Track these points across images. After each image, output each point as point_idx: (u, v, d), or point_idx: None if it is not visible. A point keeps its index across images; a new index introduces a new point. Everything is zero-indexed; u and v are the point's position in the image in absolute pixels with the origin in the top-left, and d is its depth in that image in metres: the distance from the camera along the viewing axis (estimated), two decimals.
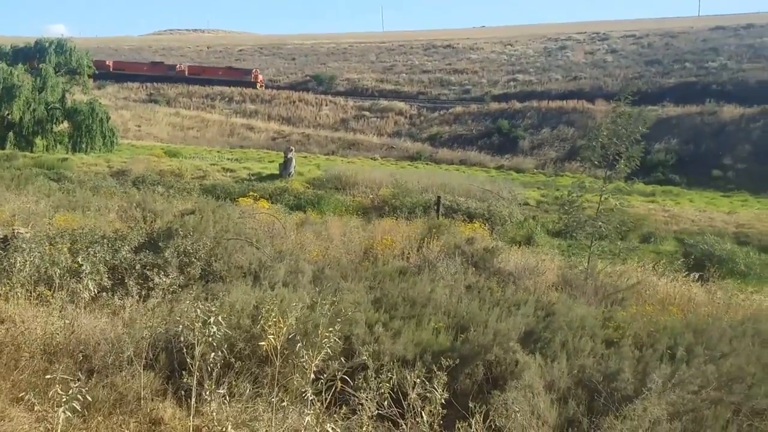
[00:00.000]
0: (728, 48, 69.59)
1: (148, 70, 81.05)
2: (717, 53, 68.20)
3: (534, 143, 56.50)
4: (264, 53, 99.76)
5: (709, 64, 65.11)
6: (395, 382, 5.10)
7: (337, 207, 24.68)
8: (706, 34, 78.35)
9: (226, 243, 9.29)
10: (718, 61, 65.15)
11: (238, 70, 79.69)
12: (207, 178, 32.81)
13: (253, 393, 5.67)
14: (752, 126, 50.87)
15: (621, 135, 11.42)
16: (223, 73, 78.71)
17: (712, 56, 67.41)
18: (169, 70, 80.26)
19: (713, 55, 67.63)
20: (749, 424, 5.49)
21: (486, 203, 27.85)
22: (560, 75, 70.70)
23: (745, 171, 46.38)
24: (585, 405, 5.59)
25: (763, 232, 27.46)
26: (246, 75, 77.40)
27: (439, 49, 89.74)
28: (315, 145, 59.44)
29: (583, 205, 12.44)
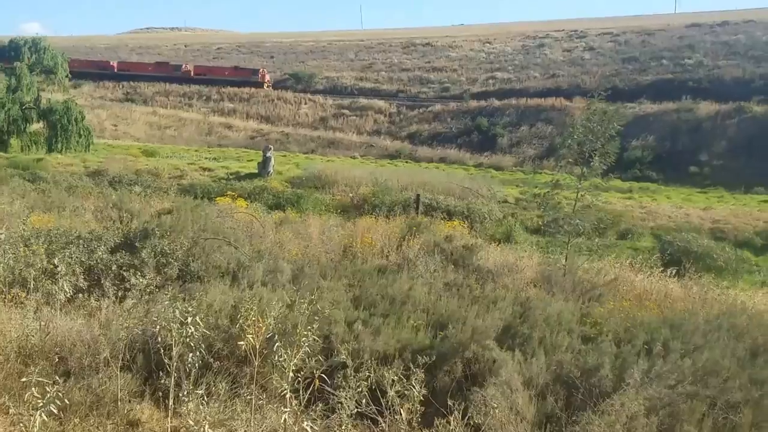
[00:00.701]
0: (704, 45, 70.40)
1: (153, 70, 79.57)
2: (693, 50, 68.97)
3: (513, 141, 56.78)
4: (242, 51, 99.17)
5: (686, 61, 65.82)
6: (374, 380, 5.10)
7: (316, 206, 24.61)
8: (682, 31, 79.19)
9: (203, 243, 9.23)
10: (695, 58, 65.88)
11: (245, 70, 78.14)
12: (185, 178, 32.57)
13: (231, 393, 5.65)
14: (728, 122, 51.54)
15: (596, 132, 11.50)
16: (230, 73, 77.19)
17: (688, 53, 68.14)
18: (175, 70, 78.84)
19: (689, 53, 68.36)
20: (724, 417, 5.56)
21: (465, 201, 27.96)
22: (538, 73, 71.09)
23: (721, 167, 46.98)
24: (563, 400, 5.64)
25: (739, 228, 27.85)
26: (253, 75, 75.86)
27: (419, 47, 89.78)
28: (294, 143, 59.24)
29: (561, 202, 12.52)
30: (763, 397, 5.78)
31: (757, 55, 63.67)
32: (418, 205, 21.72)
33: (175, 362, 5.46)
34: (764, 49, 64.81)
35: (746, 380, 6.02)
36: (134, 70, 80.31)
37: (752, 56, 63.65)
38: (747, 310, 9.13)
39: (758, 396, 5.76)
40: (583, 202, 11.95)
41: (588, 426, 4.93)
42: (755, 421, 5.55)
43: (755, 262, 23.10)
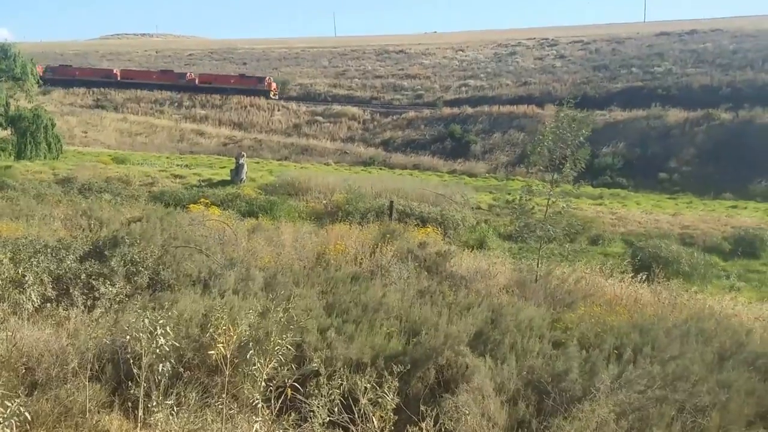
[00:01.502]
0: (673, 53, 71.58)
1: (157, 78, 77.77)
2: (662, 58, 70.07)
3: (486, 148, 57.12)
4: (214, 58, 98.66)
5: (655, 69, 66.84)
6: (346, 388, 5.09)
7: (290, 213, 24.52)
8: (651, 39, 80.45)
9: (174, 251, 9.14)
10: (664, 66, 66.93)
11: (250, 78, 76.40)
12: (156, 185, 32.24)
13: (202, 403, 5.59)
14: (696, 130, 52.39)
15: (566, 139, 11.62)
16: (236, 81, 75.42)
17: (657, 61, 69.21)
18: (180, 78, 77.08)
19: (659, 60, 69.44)
20: (693, 420, 5.63)
21: (439, 208, 28.05)
22: (511, 80, 71.68)
23: (690, 173, 47.74)
24: (534, 406, 5.67)
25: (707, 233, 28.29)
26: (259, 83, 74.13)
27: (392, 55, 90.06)
28: (267, 150, 58.95)
29: (534, 208, 12.62)
30: (731, 401, 5.86)
31: (724, 63, 64.88)
32: (391, 211, 21.75)
33: (145, 372, 5.40)
34: (731, 58, 66.08)
35: (714, 384, 6.11)
36: (138, 78, 78.68)
37: (720, 64, 64.85)
38: (715, 314, 9.28)
39: (725, 399, 5.84)
40: (554, 208, 12.06)
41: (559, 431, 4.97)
42: (723, 424, 5.63)
43: (723, 267, 23.51)
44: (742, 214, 34.67)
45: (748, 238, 26.49)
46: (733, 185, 43.44)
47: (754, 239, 26.28)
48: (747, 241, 26.23)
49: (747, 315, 10.25)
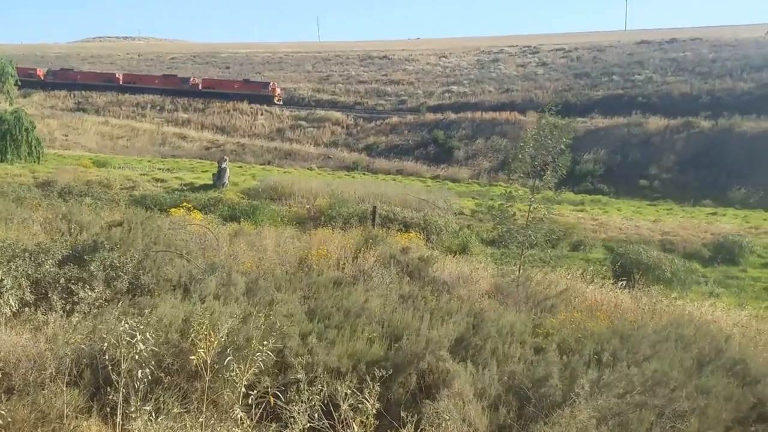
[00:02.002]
0: (653, 61, 72.41)
1: (160, 83, 76.89)
2: (643, 66, 70.84)
3: (469, 153, 57.37)
4: (197, 61, 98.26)
5: (636, 77, 67.55)
6: (327, 394, 5.07)
7: (272, 217, 24.42)
8: (632, 48, 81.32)
9: (154, 255, 9.06)
10: (644, 74, 67.67)
11: (255, 84, 75.43)
12: (137, 189, 32.00)
13: (181, 409, 5.55)
14: (676, 137, 52.97)
15: (547, 146, 11.70)
16: (239, 86, 74.30)
17: (638, 69, 69.98)
18: (183, 83, 76.17)
19: (639, 69, 70.21)
20: (672, 426, 5.67)
21: (422, 213, 28.09)
22: (493, 87, 72.09)
23: (670, 180, 48.25)
24: (515, 411, 5.68)
25: (687, 240, 28.58)
26: (263, 88, 73.17)
27: (375, 60, 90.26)
28: (250, 154, 58.76)
29: (516, 214, 12.68)
30: (709, 406, 5.92)
31: (704, 71, 65.72)
32: (374, 217, 21.73)
33: (124, 378, 5.35)
34: (711, 67, 66.95)
35: (693, 389, 6.17)
36: (140, 83, 77.73)
37: (699, 73, 65.67)
38: (694, 320, 9.36)
39: (704, 405, 5.90)
40: (535, 214, 12.12)
41: None
42: (701, 429, 5.68)
43: (703, 273, 23.74)
44: (722, 220, 35.07)
45: (728, 244, 26.79)
46: (712, 192, 43.97)
47: (733, 246, 26.58)
48: (726, 248, 26.52)
49: (726, 321, 10.35)
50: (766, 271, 25.24)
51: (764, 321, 11.46)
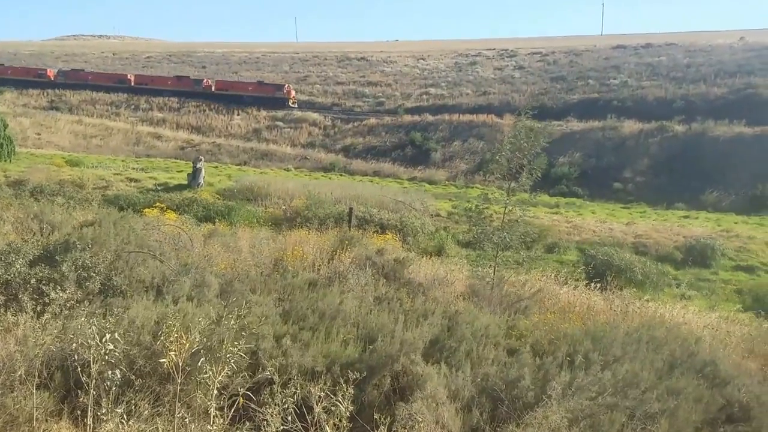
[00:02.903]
0: (628, 66, 73.29)
1: (172, 84, 75.42)
2: (618, 71, 71.67)
3: (446, 155, 57.58)
4: (173, 61, 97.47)
5: (611, 81, 68.31)
6: (300, 396, 5.04)
7: (248, 218, 24.30)
8: (608, 52, 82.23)
9: (127, 256, 8.95)
10: (619, 79, 68.46)
11: (268, 86, 73.62)
12: (110, 189, 31.69)
13: (153, 411, 5.49)
14: (650, 141, 53.64)
15: (523, 149, 11.78)
16: (253, 88, 72.67)
17: (613, 74, 70.77)
18: (195, 84, 74.64)
19: (615, 73, 71.01)
20: (642, 427, 5.73)
21: (399, 214, 28.13)
22: (471, 90, 72.44)
23: (643, 184, 48.84)
24: (488, 413, 5.69)
25: (660, 243, 28.95)
26: (278, 91, 71.60)
27: (353, 61, 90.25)
28: (226, 155, 58.41)
29: (492, 216, 12.74)
30: (679, 408, 5.98)
31: (678, 76, 66.65)
32: (351, 218, 21.70)
33: (94, 380, 5.28)
34: (685, 72, 67.93)
35: (663, 391, 6.23)
36: (153, 84, 76.36)
37: (674, 77, 66.59)
38: (666, 322, 9.47)
39: (674, 406, 5.96)
40: (510, 216, 12.19)
41: None
42: (671, 431, 5.74)
43: (675, 275, 24.07)
44: (694, 224, 35.55)
45: (699, 247, 27.19)
46: (685, 196, 44.58)
47: (705, 249, 26.98)
48: (698, 251, 26.92)
49: (697, 323, 10.50)
50: (737, 274, 25.67)
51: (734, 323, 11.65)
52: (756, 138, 49.89)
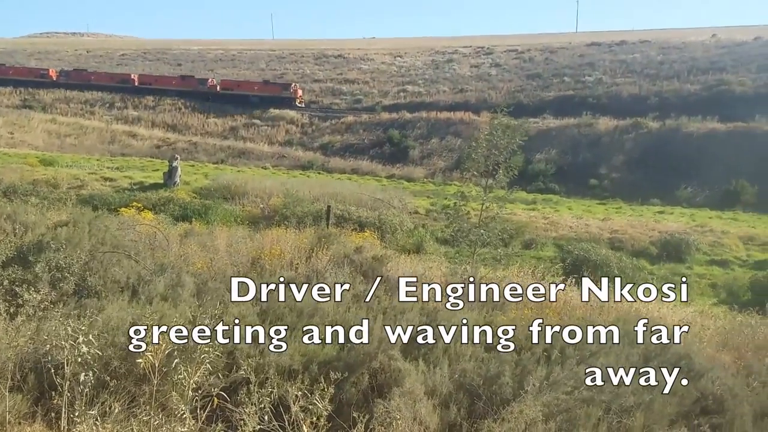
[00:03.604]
0: (603, 63, 73.98)
1: (177, 84, 73.93)
2: (593, 68, 72.31)
3: (424, 153, 57.72)
4: (148, 58, 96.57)
5: (586, 78, 68.91)
6: (276, 396, 5.02)
7: (225, 217, 24.14)
8: (583, 49, 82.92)
9: (102, 256, 8.86)
10: (594, 76, 69.09)
11: (275, 85, 72.31)
12: (85, 188, 31.34)
13: (128, 412, 5.44)
14: (625, 137, 54.23)
15: (499, 146, 11.83)
16: (259, 88, 71.34)
17: (588, 71, 71.40)
18: (200, 84, 73.03)
19: (590, 70, 71.65)
20: (618, 421, 5.78)
21: (377, 212, 28.13)
22: (448, 87, 72.67)
23: (619, 180, 49.36)
24: (466, 409, 5.72)
25: (636, 238, 29.27)
26: (284, 90, 70.33)
27: (330, 59, 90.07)
28: (203, 153, 58.01)
29: (469, 213, 12.78)
30: (654, 401, 6.05)
31: (652, 73, 67.43)
32: (329, 216, 21.65)
33: (68, 382, 5.22)
34: (659, 68, 68.75)
35: (638, 385, 6.30)
36: (157, 84, 74.89)
37: (648, 74, 67.36)
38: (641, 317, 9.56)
39: (649, 400, 6.02)
40: (488, 213, 12.24)
41: None
42: (646, 424, 5.80)
43: (650, 270, 24.34)
44: (669, 219, 36.01)
45: (674, 242, 27.54)
46: (660, 191, 45.11)
47: (680, 243, 27.34)
48: (673, 245, 27.27)
49: (672, 317, 10.61)
50: (712, 269, 26.06)
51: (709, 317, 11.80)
52: (729, 134, 50.64)
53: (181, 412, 4.79)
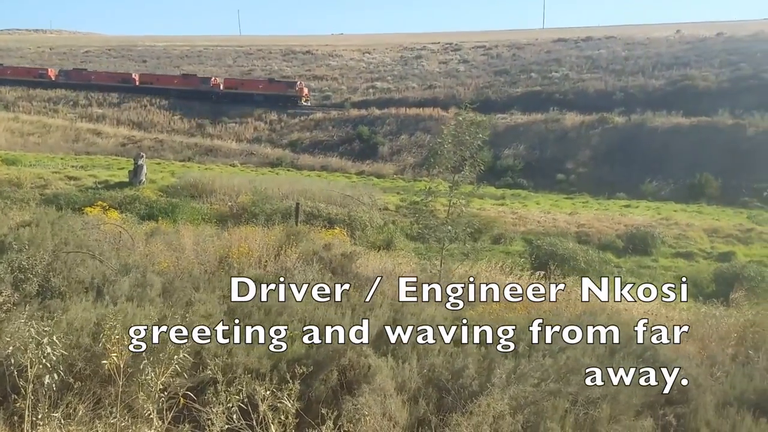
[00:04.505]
0: (569, 59, 74.77)
1: (179, 83, 71.61)
2: (560, 64, 73.04)
3: (393, 149, 57.77)
4: (112, 55, 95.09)
5: (553, 74, 69.57)
6: (245, 395, 5.00)
7: (192, 215, 23.89)
8: (549, 46, 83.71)
9: (66, 257, 8.71)
10: (561, 72, 69.78)
11: (280, 83, 70.10)
12: (49, 187, 30.78)
13: (94, 414, 5.37)
14: (591, 132, 54.89)
15: (465, 141, 11.90)
16: (264, 87, 69.26)
17: (555, 67, 72.10)
18: (202, 83, 70.60)
19: (556, 66, 72.35)
20: (585, 412, 5.85)
21: (347, 209, 28.10)
22: (416, 83, 72.79)
23: (585, 174, 49.95)
24: (435, 404, 5.74)
25: (602, 231, 29.68)
26: (289, 88, 68.41)
27: (298, 55, 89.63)
28: (169, 151, 57.33)
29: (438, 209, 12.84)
30: (620, 392, 6.13)
31: (617, 69, 68.31)
32: (297, 213, 21.56)
33: (32, 384, 5.13)
34: (624, 64, 69.68)
35: (605, 376, 6.38)
36: (158, 83, 72.62)
37: (613, 70, 68.22)
38: (607, 309, 9.69)
39: (615, 391, 6.11)
40: (455, 209, 12.31)
41: (457, 428, 5.05)
42: (613, 415, 5.88)
43: (617, 263, 24.69)
44: (635, 212, 36.57)
45: (640, 235, 27.96)
46: (626, 185, 45.78)
47: (645, 236, 27.76)
48: (639, 238, 27.68)
49: (637, 309, 10.77)
50: (677, 261, 26.51)
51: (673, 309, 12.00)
52: (693, 128, 51.53)
53: (148, 413, 4.74)
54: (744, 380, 6.88)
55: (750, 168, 45.07)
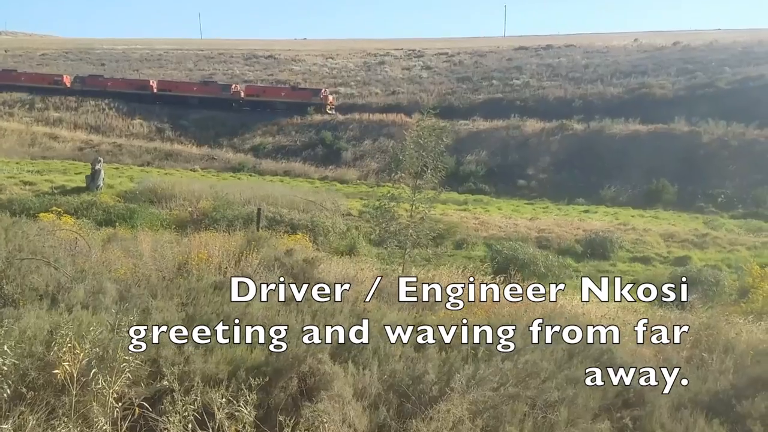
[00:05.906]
0: (530, 67, 75.80)
1: (198, 91, 68.33)
2: (520, 72, 73.98)
3: (357, 155, 57.78)
4: (70, 58, 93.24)
5: (514, 81, 70.43)
6: (201, 404, 4.93)
7: (151, 221, 23.56)
8: (510, 53, 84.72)
9: (19, 263, 8.49)
10: (522, 79, 70.68)
11: (304, 91, 67.34)
12: (3, 193, 30.12)
13: (46, 425, 5.23)
14: (551, 139, 55.70)
15: (427, 147, 11.96)
16: (287, 94, 66.41)
17: (516, 74, 73.01)
18: (223, 90, 67.75)
19: (517, 74, 73.26)
20: (543, 416, 5.91)
21: (309, 214, 28.07)
22: (380, 89, 72.96)
23: (546, 180, 50.65)
24: (395, 409, 5.73)
25: (561, 236, 30.09)
26: (314, 96, 66.18)
27: (261, 59, 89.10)
28: (128, 155, 56.40)
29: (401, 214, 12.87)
30: (578, 396, 6.21)
31: (576, 77, 69.47)
32: (259, 218, 21.40)
33: None
34: (583, 72, 70.90)
35: (563, 380, 6.45)
36: (177, 90, 69.36)
37: (572, 78, 69.36)
38: (565, 313, 9.83)
39: (573, 394, 6.18)
40: (417, 214, 12.35)
41: None
42: (571, 418, 5.94)
43: (576, 267, 25.07)
44: (594, 218, 37.17)
45: (599, 240, 28.44)
46: (585, 191, 46.52)
47: (604, 241, 28.25)
48: (597, 243, 28.15)
49: (595, 313, 10.94)
50: (634, 265, 27.01)
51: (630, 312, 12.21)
52: (650, 135, 52.64)
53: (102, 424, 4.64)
54: (698, 382, 7.03)
55: (705, 174, 46.23)
